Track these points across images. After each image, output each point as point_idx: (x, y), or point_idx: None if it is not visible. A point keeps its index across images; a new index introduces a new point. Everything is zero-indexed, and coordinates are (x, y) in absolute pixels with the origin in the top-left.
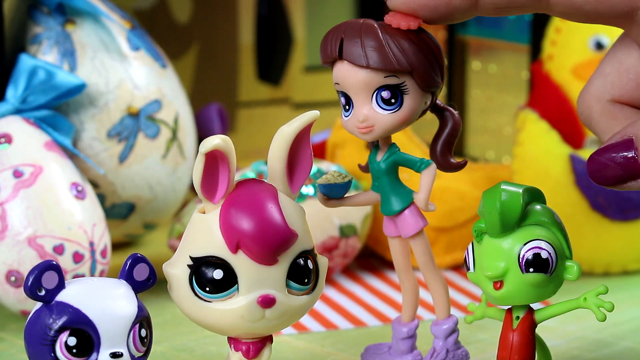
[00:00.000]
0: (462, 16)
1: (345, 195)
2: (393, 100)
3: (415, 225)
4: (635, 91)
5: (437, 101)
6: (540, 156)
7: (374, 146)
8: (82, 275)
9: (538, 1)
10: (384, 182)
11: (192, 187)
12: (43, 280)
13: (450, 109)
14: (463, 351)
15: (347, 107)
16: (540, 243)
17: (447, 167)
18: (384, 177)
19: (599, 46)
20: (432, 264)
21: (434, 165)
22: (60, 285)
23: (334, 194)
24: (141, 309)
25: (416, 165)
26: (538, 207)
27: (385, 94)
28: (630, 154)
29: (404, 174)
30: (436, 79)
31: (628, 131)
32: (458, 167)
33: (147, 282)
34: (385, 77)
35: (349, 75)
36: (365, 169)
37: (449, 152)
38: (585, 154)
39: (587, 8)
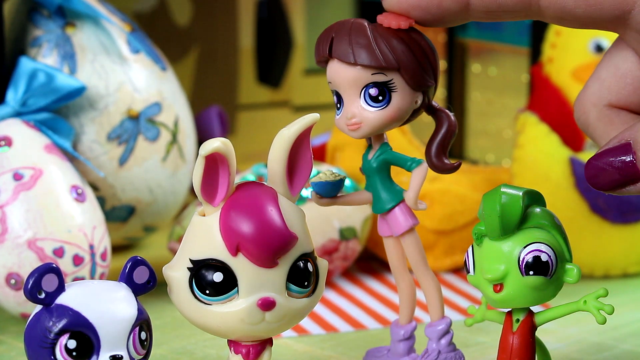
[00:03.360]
0: (454, 19)
1: (338, 194)
2: (380, 98)
3: (405, 223)
4: (633, 96)
5: (433, 102)
6: (540, 159)
7: (367, 146)
8: (82, 278)
9: (529, 6)
10: (375, 181)
11: (192, 190)
12: (43, 283)
13: (446, 110)
14: (458, 354)
15: (338, 106)
16: (540, 246)
17: (441, 169)
18: (374, 175)
19: (599, 49)
20: (424, 263)
21: (425, 165)
22: (60, 288)
23: (326, 192)
24: (141, 311)
25: (407, 164)
26: (538, 209)
27: (372, 91)
28: (628, 158)
29: (403, 176)
30: (427, 78)
31: (626, 135)
32: (452, 169)
33: (147, 284)
34: (372, 74)
35: (338, 73)
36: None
37: (443, 153)
38: (585, 156)
39: (579, 12)
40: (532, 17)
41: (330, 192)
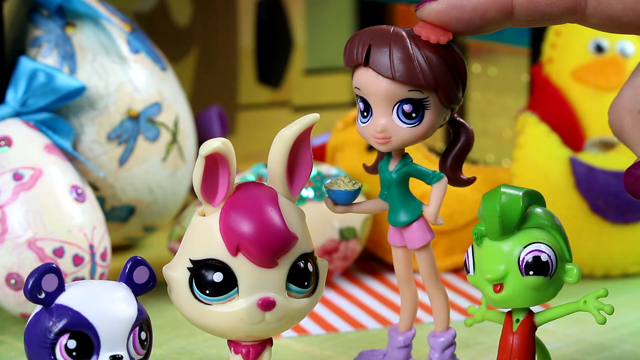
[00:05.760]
0: (494, 28)
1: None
2: (414, 115)
3: (422, 238)
4: None
5: (454, 115)
6: (540, 159)
7: (385, 154)
8: (82, 278)
9: (574, 13)
10: (394, 193)
11: (192, 190)
12: (43, 283)
13: (465, 123)
14: None
15: (365, 114)
16: (540, 246)
17: (455, 181)
18: (394, 187)
19: (599, 49)
20: (436, 277)
21: (445, 179)
22: (60, 288)
23: (342, 200)
24: (141, 311)
25: (428, 178)
26: (538, 209)
27: (407, 107)
28: None
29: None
30: (459, 96)
31: None
32: (467, 182)
33: (147, 284)
34: (409, 90)
35: (372, 83)
36: (370, 170)
37: (458, 167)
38: (585, 156)
39: (625, 20)
40: (573, 23)
41: (347, 200)
